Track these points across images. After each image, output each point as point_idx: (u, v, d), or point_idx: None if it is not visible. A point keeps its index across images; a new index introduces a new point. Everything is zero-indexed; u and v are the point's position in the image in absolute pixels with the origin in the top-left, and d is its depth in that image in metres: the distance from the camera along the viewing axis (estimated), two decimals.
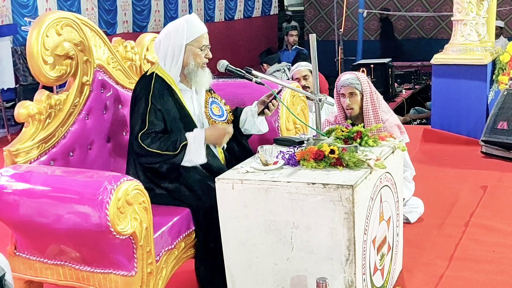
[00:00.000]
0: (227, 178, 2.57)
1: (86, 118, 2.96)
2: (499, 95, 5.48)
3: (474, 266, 3.20)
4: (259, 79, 2.89)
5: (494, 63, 5.86)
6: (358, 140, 2.81)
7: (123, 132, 3.15)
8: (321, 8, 13.52)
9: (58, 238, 2.49)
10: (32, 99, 2.74)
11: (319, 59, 2.81)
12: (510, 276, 3.08)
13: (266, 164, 2.63)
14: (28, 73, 7.27)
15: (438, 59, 5.84)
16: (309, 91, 4.23)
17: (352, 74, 3.71)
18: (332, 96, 3.96)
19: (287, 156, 2.69)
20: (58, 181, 2.47)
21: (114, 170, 3.02)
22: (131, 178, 2.41)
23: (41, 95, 2.74)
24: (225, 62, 2.88)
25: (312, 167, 2.57)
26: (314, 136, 2.83)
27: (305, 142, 2.85)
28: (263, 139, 3.22)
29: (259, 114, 3.05)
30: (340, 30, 10.03)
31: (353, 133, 2.83)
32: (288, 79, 4.95)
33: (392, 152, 2.84)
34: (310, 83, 4.48)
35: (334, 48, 10.25)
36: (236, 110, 3.15)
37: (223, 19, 12.19)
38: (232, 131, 2.90)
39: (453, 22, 5.84)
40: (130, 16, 9.61)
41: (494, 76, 5.83)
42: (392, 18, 12.69)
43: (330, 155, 2.57)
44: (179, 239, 2.70)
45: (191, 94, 3.01)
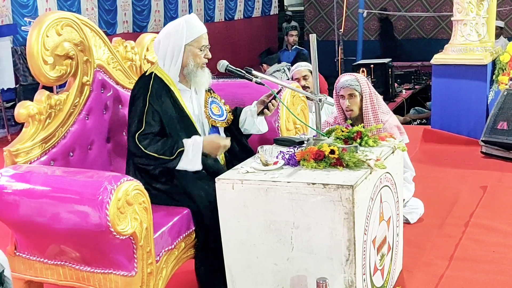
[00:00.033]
0: (227, 178, 2.57)
1: (86, 118, 2.96)
2: (499, 95, 5.47)
3: (474, 266, 3.20)
4: (259, 79, 2.89)
5: (494, 63, 5.86)
6: (358, 140, 2.81)
7: (123, 132, 3.15)
8: (321, 8, 13.52)
9: (58, 238, 2.49)
10: (32, 99, 2.74)
11: (319, 59, 2.81)
12: (510, 276, 3.08)
13: (266, 164, 2.63)
14: (28, 73, 7.27)
15: (438, 59, 5.84)
16: (308, 91, 4.22)
17: (351, 75, 3.70)
18: (331, 96, 3.96)
19: (287, 156, 2.69)
20: (58, 181, 2.47)
21: (114, 170, 3.02)
22: (131, 178, 2.42)
23: (41, 95, 2.75)
24: (225, 62, 2.88)
25: (312, 167, 2.57)
26: (314, 136, 2.82)
27: (305, 142, 2.85)
28: (263, 139, 3.22)
29: (259, 114, 3.06)
30: (340, 30, 10.04)
31: (353, 133, 2.82)
32: (288, 79, 4.95)
33: (392, 152, 2.84)
34: (310, 83, 4.47)
35: (334, 48, 10.25)
36: (235, 110, 3.15)
37: (223, 19, 12.18)
38: (229, 144, 2.91)
39: (453, 22, 5.84)
40: (130, 16, 9.61)
41: (494, 76, 5.83)
42: (392, 18, 12.70)
43: (330, 155, 2.57)
44: (179, 239, 2.70)
45: (191, 94, 3.01)
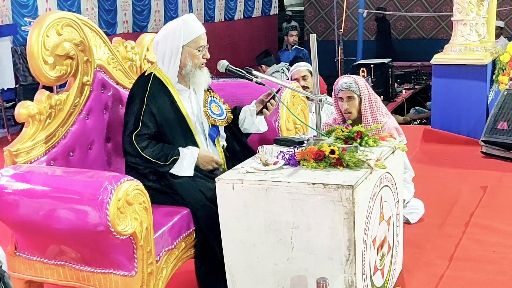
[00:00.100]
0: (227, 178, 2.57)
1: (86, 118, 2.96)
2: (499, 95, 5.47)
3: (475, 266, 3.20)
4: (259, 79, 2.89)
5: (494, 63, 5.86)
6: (358, 140, 2.81)
7: None
8: (321, 8, 13.51)
9: (58, 238, 2.49)
10: (32, 99, 2.74)
11: (319, 59, 2.81)
12: (510, 276, 3.08)
13: (266, 164, 2.63)
14: (28, 73, 7.27)
15: (438, 59, 5.84)
16: (308, 91, 4.22)
17: (350, 77, 3.68)
18: (331, 96, 3.95)
19: (287, 156, 2.69)
20: (58, 181, 2.47)
21: (114, 170, 3.02)
22: (131, 178, 2.41)
23: (41, 95, 2.75)
24: (225, 62, 2.88)
25: (312, 167, 2.57)
26: (314, 136, 2.82)
27: (305, 142, 2.85)
28: (263, 139, 3.22)
29: (258, 114, 3.06)
30: (340, 30, 10.03)
31: (353, 133, 2.82)
32: (288, 79, 4.95)
33: (393, 152, 2.84)
34: (309, 83, 4.47)
35: (334, 48, 10.24)
36: (235, 109, 3.15)
37: (223, 19, 12.18)
38: (221, 163, 2.96)
39: (453, 22, 5.84)
40: (130, 16, 9.60)
41: (494, 76, 5.82)
42: (392, 18, 12.68)
43: (330, 155, 2.57)
44: (179, 239, 2.70)
45: (189, 94, 3.01)
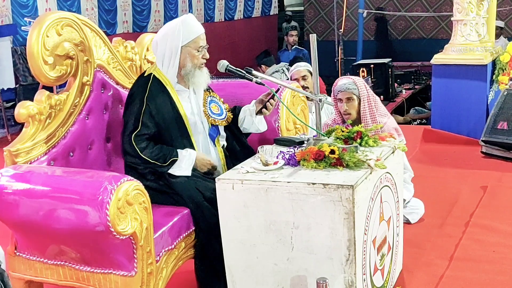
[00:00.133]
0: (227, 178, 2.57)
1: (86, 118, 2.96)
2: (499, 95, 5.47)
3: (475, 266, 3.20)
4: (259, 79, 2.89)
5: (494, 63, 5.85)
6: (358, 140, 2.81)
7: None
8: (321, 8, 13.51)
9: (58, 238, 2.48)
10: (32, 99, 2.74)
11: (319, 59, 2.80)
12: (510, 276, 3.08)
13: (266, 164, 2.63)
14: (28, 73, 7.27)
15: (438, 59, 5.84)
16: (307, 91, 4.22)
17: (348, 78, 3.68)
18: (330, 96, 3.95)
19: (287, 156, 2.69)
20: (58, 181, 2.47)
21: (114, 170, 3.02)
22: (131, 178, 2.41)
23: (41, 95, 2.75)
24: (225, 62, 2.87)
25: (312, 167, 2.57)
26: (314, 136, 2.82)
27: (305, 142, 2.85)
28: (263, 139, 3.22)
29: (257, 114, 3.06)
30: (340, 30, 10.03)
31: (353, 133, 2.82)
32: (288, 79, 4.94)
33: (393, 152, 2.84)
34: (309, 83, 4.47)
35: (334, 48, 10.25)
36: (235, 109, 3.15)
37: (223, 19, 12.17)
38: (217, 166, 2.97)
39: (453, 22, 5.84)
40: (130, 16, 9.60)
41: (494, 76, 5.82)
42: (392, 18, 12.68)
43: (330, 155, 2.57)
44: (179, 239, 2.70)
45: (189, 94, 3.01)
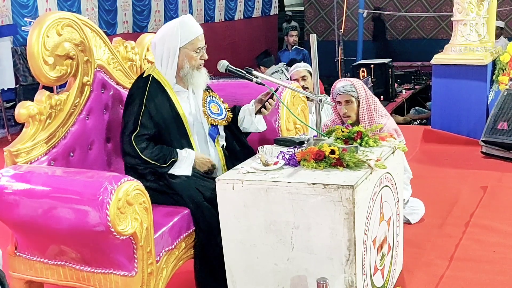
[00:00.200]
0: (227, 178, 2.57)
1: (87, 119, 2.96)
2: (499, 95, 5.47)
3: (475, 266, 3.20)
4: (260, 79, 2.89)
5: (494, 63, 5.86)
6: (359, 141, 2.81)
7: None
8: (321, 8, 13.50)
9: (59, 238, 2.49)
10: (32, 99, 2.74)
11: (319, 60, 2.81)
12: (510, 276, 3.08)
13: (266, 165, 2.63)
14: (28, 73, 7.27)
15: (438, 59, 5.84)
16: (307, 91, 4.22)
17: (347, 81, 3.67)
18: (329, 95, 3.95)
19: (287, 157, 2.69)
20: (58, 181, 2.47)
21: (114, 170, 3.02)
22: (132, 178, 2.41)
23: (41, 95, 2.75)
24: (225, 63, 2.87)
25: (313, 168, 2.57)
26: (314, 136, 2.82)
27: (305, 142, 2.85)
28: (263, 139, 3.22)
29: (257, 113, 3.06)
30: (340, 31, 10.03)
31: (353, 133, 2.83)
32: (287, 79, 4.94)
33: (393, 153, 2.84)
34: (308, 83, 4.47)
35: (334, 49, 10.23)
36: (234, 109, 3.15)
37: (223, 19, 12.17)
38: (216, 165, 2.97)
39: (453, 22, 5.84)
40: (130, 16, 9.60)
41: (494, 77, 5.82)
42: (392, 18, 12.67)
43: (330, 156, 2.57)
44: (179, 239, 2.70)
45: (188, 95, 3.01)
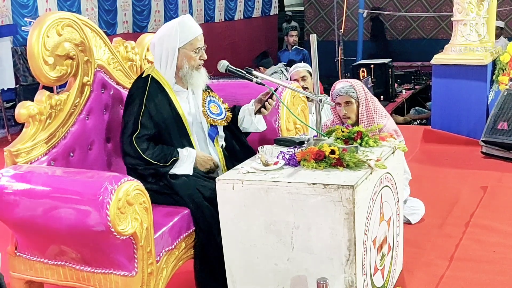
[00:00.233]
0: (227, 179, 2.57)
1: (87, 119, 2.96)
2: (499, 95, 5.47)
3: (475, 266, 3.20)
4: (260, 79, 2.89)
5: (494, 63, 5.86)
6: (359, 141, 2.81)
7: None
8: (321, 8, 13.50)
9: (59, 238, 2.49)
10: (32, 99, 2.74)
11: (319, 60, 2.81)
12: (510, 277, 3.08)
13: (266, 165, 2.63)
14: (28, 73, 7.27)
15: (438, 59, 5.84)
16: (307, 91, 4.21)
17: (346, 82, 3.67)
18: (328, 95, 3.95)
19: (287, 157, 2.69)
20: (58, 181, 2.47)
21: (114, 170, 3.02)
22: (132, 178, 2.41)
23: (41, 95, 2.75)
24: (225, 63, 2.87)
25: (313, 168, 2.57)
26: (314, 136, 2.83)
27: (305, 142, 2.85)
28: (263, 139, 3.22)
29: (256, 113, 3.06)
30: (340, 31, 10.03)
31: (353, 133, 2.83)
32: (287, 79, 4.94)
33: (393, 153, 2.84)
34: (308, 84, 4.47)
35: (334, 49, 10.23)
36: (234, 109, 3.15)
37: (223, 19, 12.17)
38: (218, 164, 2.97)
39: (453, 22, 5.84)
40: (130, 17, 9.60)
41: (494, 77, 5.82)
42: (391, 18, 12.67)
43: (330, 156, 2.57)
44: (179, 239, 2.70)
45: (187, 95, 3.01)
